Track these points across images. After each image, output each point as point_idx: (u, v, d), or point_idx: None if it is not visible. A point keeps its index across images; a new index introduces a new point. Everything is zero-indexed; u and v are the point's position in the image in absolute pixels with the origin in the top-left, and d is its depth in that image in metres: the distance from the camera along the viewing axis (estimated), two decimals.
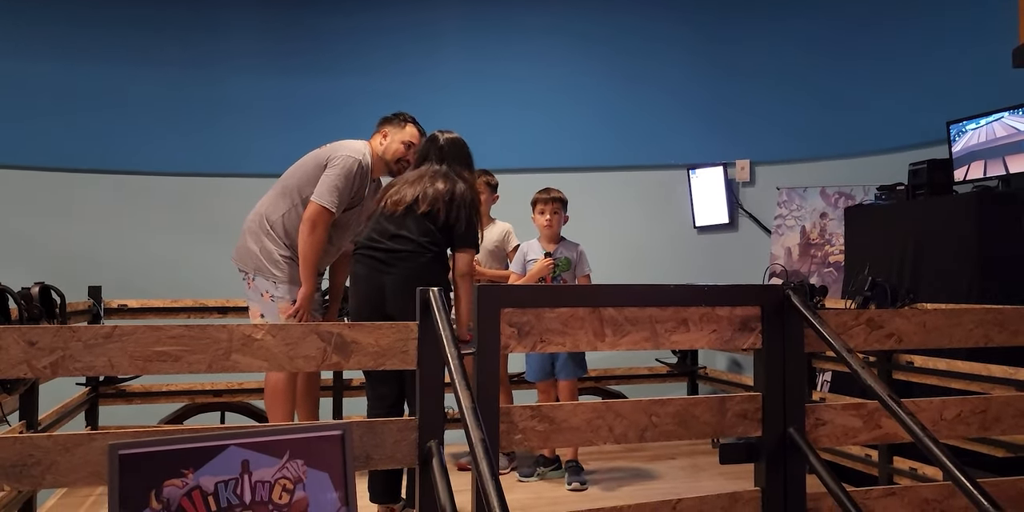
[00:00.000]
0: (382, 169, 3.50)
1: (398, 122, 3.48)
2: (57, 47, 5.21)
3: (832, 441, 2.20)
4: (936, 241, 3.81)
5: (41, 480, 1.68)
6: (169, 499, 1.22)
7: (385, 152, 3.44)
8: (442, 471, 1.75)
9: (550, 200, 3.78)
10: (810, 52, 5.34)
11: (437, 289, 1.88)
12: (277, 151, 5.47)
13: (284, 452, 1.31)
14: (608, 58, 5.71)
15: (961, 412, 2.27)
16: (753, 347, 2.17)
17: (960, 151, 4.07)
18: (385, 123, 3.51)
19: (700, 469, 3.94)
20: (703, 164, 5.62)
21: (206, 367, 1.78)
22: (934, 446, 1.74)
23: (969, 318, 2.32)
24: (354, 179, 3.32)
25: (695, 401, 2.14)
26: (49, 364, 1.71)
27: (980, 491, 1.64)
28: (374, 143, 3.47)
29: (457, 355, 1.74)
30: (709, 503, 2.11)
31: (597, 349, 2.07)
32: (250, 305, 3.38)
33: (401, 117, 3.51)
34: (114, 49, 5.26)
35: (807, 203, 5.22)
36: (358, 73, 5.50)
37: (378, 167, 3.48)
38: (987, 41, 4.24)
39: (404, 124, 3.47)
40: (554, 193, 3.81)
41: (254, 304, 3.35)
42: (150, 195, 5.28)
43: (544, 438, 2.03)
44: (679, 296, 2.12)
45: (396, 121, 3.49)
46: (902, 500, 2.19)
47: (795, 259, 5.20)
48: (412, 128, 3.48)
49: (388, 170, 3.49)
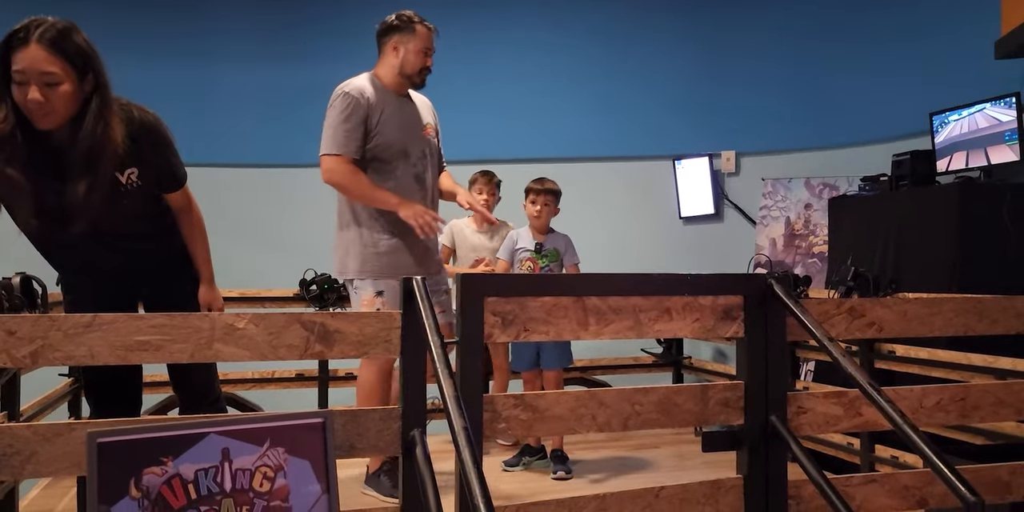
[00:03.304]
0: (404, 85, 3.10)
1: (406, 27, 3.03)
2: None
3: (813, 429, 2.21)
4: (918, 231, 3.84)
5: (21, 470, 1.67)
6: (148, 487, 1.21)
7: (403, 68, 3.04)
8: (425, 460, 1.75)
9: (543, 191, 3.75)
10: (795, 43, 5.35)
11: (421, 278, 1.88)
12: (264, 140, 5.47)
13: (265, 440, 1.31)
14: (594, 49, 5.70)
15: (941, 400, 2.29)
16: (736, 336, 2.18)
17: (942, 142, 4.10)
18: (390, 32, 3.06)
19: (684, 458, 3.96)
20: (689, 155, 5.64)
21: (188, 356, 1.77)
22: (913, 433, 1.75)
23: (949, 307, 2.34)
24: (346, 110, 2.95)
25: (677, 390, 2.15)
26: (29, 354, 1.69)
27: (958, 478, 1.66)
28: (386, 62, 3.08)
29: (440, 344, 1.74)
30: (692, 491, 2.12)
31: (581, 338, 2.08)
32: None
33: (405, 19, 3.04)
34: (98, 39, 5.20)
35: (792, 194, 5.24)
36: (344, 62, 5.46)
37: (397, 85, 3.08)
38: (970, 32, 4.26)
39: (413, 27, 3.03)
40: (548, 184, 3.78)
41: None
42: None
43: (527, 427, 2.03)
44: (662, 285, 2.13)
45: (403, 27, 3.03)
46: (882, 487, 2.21)
47: (780, 250, 5.22)
48: (423, 29, 3.04)
49: (411, 85, 3.11)
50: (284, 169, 5.51)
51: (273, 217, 5.53)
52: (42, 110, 2.00)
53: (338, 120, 2.96)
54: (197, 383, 2.45)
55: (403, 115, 3.10)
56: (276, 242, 5.45)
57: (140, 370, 2.42)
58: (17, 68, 1.96)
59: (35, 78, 1.97)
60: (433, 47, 3.09)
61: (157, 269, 2.39)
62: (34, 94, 1.96)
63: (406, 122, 3.10)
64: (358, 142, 2.98)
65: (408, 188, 3.07)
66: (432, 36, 3.09)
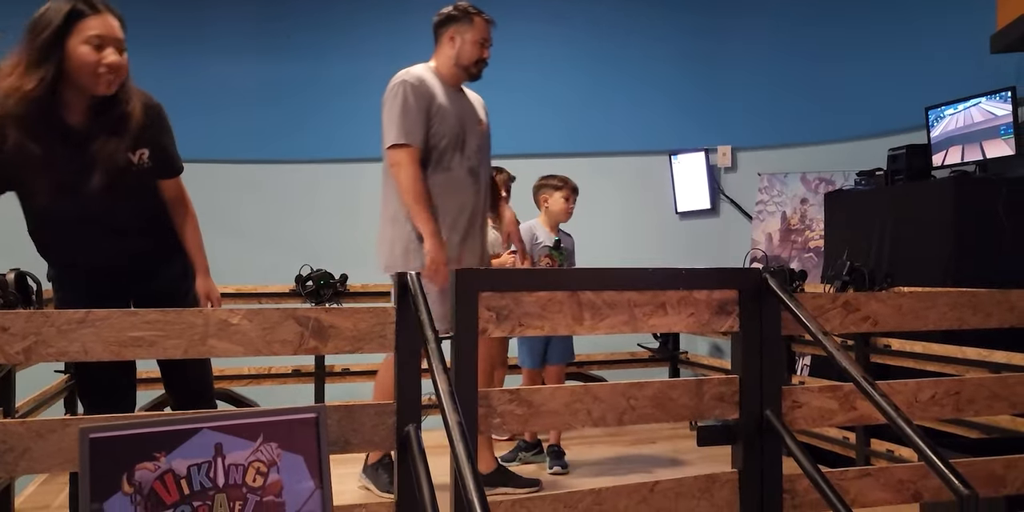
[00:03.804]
0: (460, 77, 3.06)
1: (463, 18, 3.02)
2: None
3: (808, 423, 2.22)
4: (914, 226, 3.85)
5: (15, 467, 1.67)
6: (141, 483, 1.21)
7: (459, 58, 3.02)
8: (420, 455, 1.75)
9: (576, 189, 3.85)
10: (791, 38, 5.35)
11: (415, 273, 1.88)
12: (257, 136, 5.46)
13: (258, 435, 1.31)
14: (589, 44, 5.69)
15: (935, 394, 2.30)
16: (731, 330, 2.18)
17: (938, 136, 4.10)
18: (447, 23, 3.04)
19: (680, 453, 3.97)
20: (685, 150, 5.63)
21: (182, 352, 1.76)
22: (907, 427, 1.75)
23: (944, 301, 2.34)
24: (410, 98, 2.88)
25: (673, 384, 2.15)
26: (22, 350, 1.69)
27: (952, 471, 1.66)
28: (443, 53, 3.05)
29: (435, 339, 1.74)
30: (687, 485, 2.13)
31: (575, 333, 2.08)
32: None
33: (462, 10, 3.03)
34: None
35: (788, 189, 5.24)
36: (335, 56, 5.46)
37: (453, 76, 3.05)
38: (965, 26, 4.26)
39: (470, 18, 3.02)
40: (573, 183, 3.87)
41: None
42: None
43: (523, 422, 2.03)
44: (657, 280, 2.13)
45: (461, 18, 3.02)
46: (877, 480, 2.22)
47: (776, 244, 5.23)
48: (481, 21, 3.03)
49: (467, 76, 3.07)
50: (283, 165, 5.51)
51: (268, 213, 5.53)
52: (117, 74, 2.12)
53: (402, 109, 2.88)
54: (193, 380, 2.44)
55: (460, 106, 3.04)
56: (271, 238, 5.45)
57: (134, 370, 2.41)
58: (96, 33, 2.07)
59: (113, 43, 2.10)
60: (490, 39, 3.06)
61: (152, 269, 2.38)
62: (114, 57, 2.09)
63: (463, 114, 3.03)
64: (423, 131, 2.90)
65: (461, 182, 3.00)
66: (489, 28, 3.06)
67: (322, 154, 5.47)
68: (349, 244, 5.30)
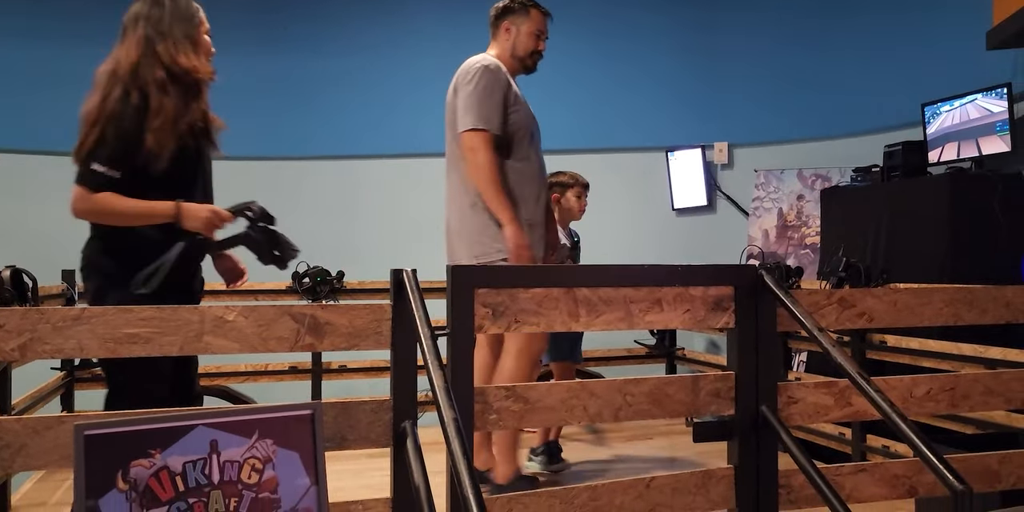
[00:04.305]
0: (516, 69, 3.05)
1: (520, 9, 3.02)
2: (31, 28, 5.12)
3: (804, 419, 2.22)
4: (910, 222, 3.85)
5: (11, 464, 1.67)
6: (136, 479, 1.21)
7: (515, 49, 3.02)
8: (416, 451, 1.76)
9: (587, 186, 3.78)
10: (787, 35, 5.35)
11: (412, 270, 1.88)
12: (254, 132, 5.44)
13: (253, 432, 1.31)
14: (587, 40, 5.68)
15: (930, 390, 2.30)
16: (726, 326, 2.19)
17: (934, 133, 4.10)
18: (505, 15, 3.04)
19: (676, 449, 3.97)
20: (681, 146, 5.63)
21: (178, 349, 1.76)
22: (902, 422, 1.76)
23: (939, 297, 2.35)
24: (491, 84, 2.85)
25: (668, 380, 2.15)
26: (17, 347, 1.69)
27: (947, 466, 1.67)
28: (499, 44, 3.05)
29: (431, 336, 1.74)
30: (683, 481, 2.13)
31: (571, 330, 2.08)
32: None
33: (519, 2, 3.03)
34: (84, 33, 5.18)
35: (784, 185, 5.25)
36: (333, 52, 5.45)
37: (510, 68, 3.02)
38: (961, 23, 4.26)
39: (527, 9, 3.03)
40: (583, 179, 3.81)
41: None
42: None
43: (519, 418, 2.03)
44: (653, 276, 2.13)
45: (518, 9, 3.02)
46: (872, 476, 2.22)
47: (772, 241, 5.23)
48: (537, 13, 3.03)
49: (522, 68, 3.06)
50: (278, 161, 5.50)
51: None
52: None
53: (482, 94, 2.84)
54: (188, 378, 2.44)
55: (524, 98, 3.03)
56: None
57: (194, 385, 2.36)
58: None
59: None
60: (547, 32, 3.06)
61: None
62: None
63: (528, 105, 3.03)
64: (500, 117, 2.87)
65: (537, 173, 2.98)
66: (546, 20, 3.07)
67: (317, 150, 5.46)
68: (346, 241, 5.30)
